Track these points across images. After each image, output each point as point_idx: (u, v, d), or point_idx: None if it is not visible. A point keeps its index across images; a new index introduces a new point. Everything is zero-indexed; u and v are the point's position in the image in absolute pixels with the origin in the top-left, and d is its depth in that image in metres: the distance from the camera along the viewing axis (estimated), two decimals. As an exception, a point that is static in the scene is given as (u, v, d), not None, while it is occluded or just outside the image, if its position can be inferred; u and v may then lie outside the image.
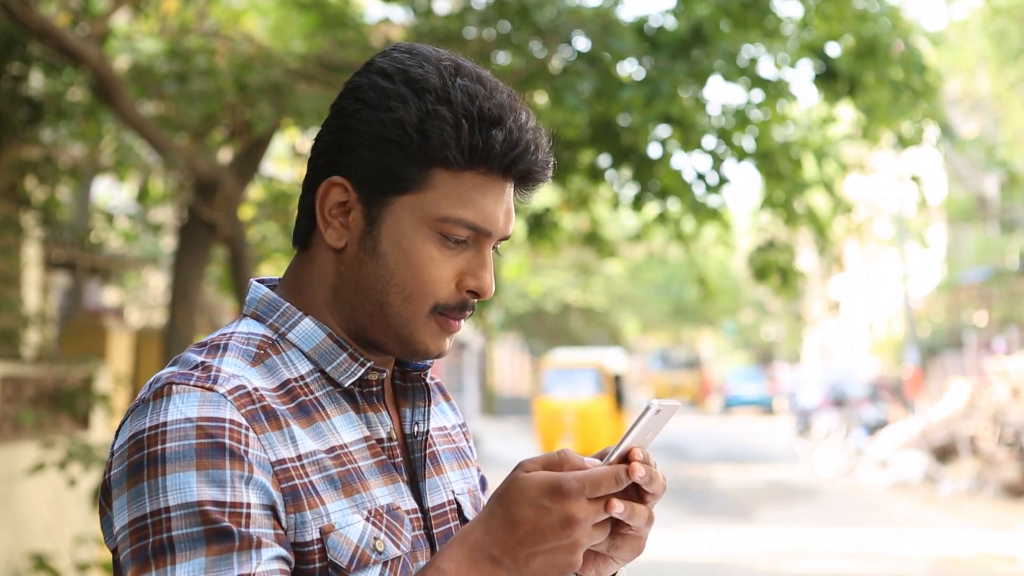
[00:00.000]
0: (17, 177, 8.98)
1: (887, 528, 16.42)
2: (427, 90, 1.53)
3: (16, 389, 8.62)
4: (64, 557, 8.60)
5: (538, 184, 1.60)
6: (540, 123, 1.60)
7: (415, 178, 1.53)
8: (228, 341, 1.57)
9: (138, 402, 1.50)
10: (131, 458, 1.45)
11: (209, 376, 1.49)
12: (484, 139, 1.52)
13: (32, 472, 7.60)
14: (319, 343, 1.58)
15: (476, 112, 1.52)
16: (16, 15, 7.06)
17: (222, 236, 8.65)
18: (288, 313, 1.60)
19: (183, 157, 8.15)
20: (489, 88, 1.55)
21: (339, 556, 1.48)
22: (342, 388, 1.59)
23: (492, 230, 1.57)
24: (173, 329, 8.52)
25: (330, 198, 1.57)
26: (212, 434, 1.44)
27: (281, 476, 1.47)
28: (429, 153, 1.52)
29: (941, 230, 33.85)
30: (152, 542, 1.41)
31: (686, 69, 7.91)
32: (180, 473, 1.42)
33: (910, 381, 29.46)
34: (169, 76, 8.45)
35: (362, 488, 1.53)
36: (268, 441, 1.48)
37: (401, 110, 1.53)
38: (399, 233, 1.55)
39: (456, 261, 1.57)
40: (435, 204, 1.54)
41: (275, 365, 1.56)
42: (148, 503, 1.42)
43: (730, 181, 8.89)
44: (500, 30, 8.31)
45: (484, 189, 1.55)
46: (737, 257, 43.94)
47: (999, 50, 24.51)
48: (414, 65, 1.55)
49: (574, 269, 36.06)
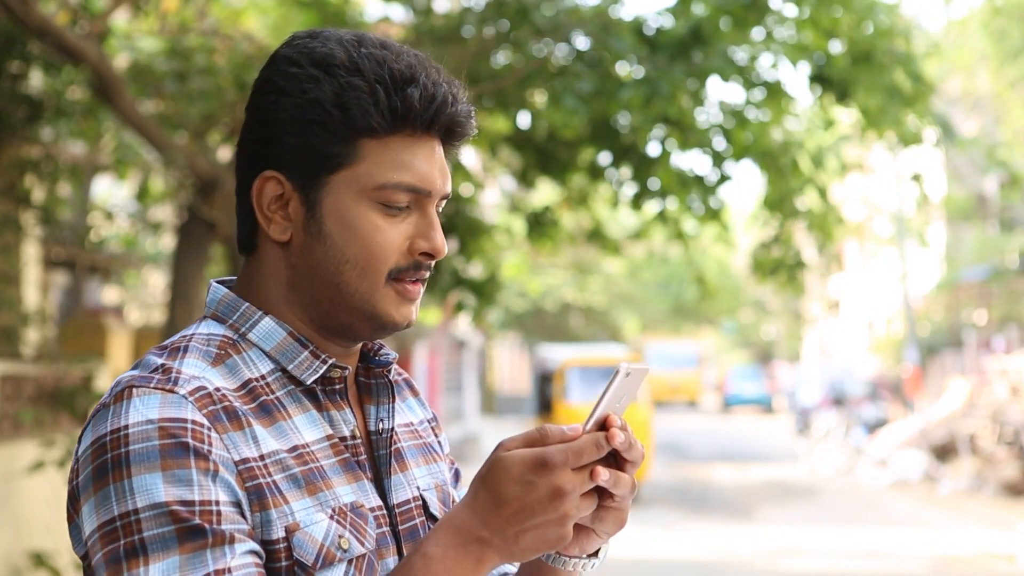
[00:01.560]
0: (17, 175, 8.98)
1: (887, 527, 16.43)
2: (335, 65, 1.53)
3: (16, 387, 8.63)
4: (64, 555, 8.60)
5: (464, 136, 1.61)
6: (452, 76, 1.61)
7: (344, 153, 1.54)
8: (188, 343, 1.55)
9: (99, 407, 1.49)
10: (95, 462, 1.44)
11: (169, 378, 1.48)
12: (401, 99, 1.53)
13: (32, 470, 7.61)
14: (280, 342, 1.57)
15: (388, 75, 1.53)
16: (16, 13, 7.06)
17: (222, 235, 8.65)
18: (248, 313, 1.59)
19: (183, 156, 8.16)
20: (395, 52, 1.56)
21: (305, 554, 1.48)
22: (304, 387, 1.58)
23: (430, 189, 1.57)
24: (172, 328, 8.52)
25: (265, 193, 1.57)
26: (175, 434, 1.43)
27: (245, 475, 1.46)
28: (352, 125, 1.53)
29: (941, 229, 33.85)
30: (124, 544, 1.40)
31: (685, 70, 7.91)
32: (145, 475, 1.41)
33: (910, 380, 29.47)
34: (169, 75, 8.45)
35: (325, 487, 1.53)
36: (231, 441, 1.47)
37: (315, 90, 1.53)
38: (340, 210, 1.55)
39: (403, 227, 1.57)
40: (369, 174, 1.54)
41: (236, 365, 1.55)
42: (116, 506, 1.41)
43: (730, 179, 8.90)
44: (499, 29, 8.32)
45: (414, 149, 1.55)
46: (737, 256, 43.99)
47: (999, 49, 24.51)
48: (318, 46, 1.56)
49: (573, 268, 36.08)
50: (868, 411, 27.80)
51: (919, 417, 24.59)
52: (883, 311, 43.30)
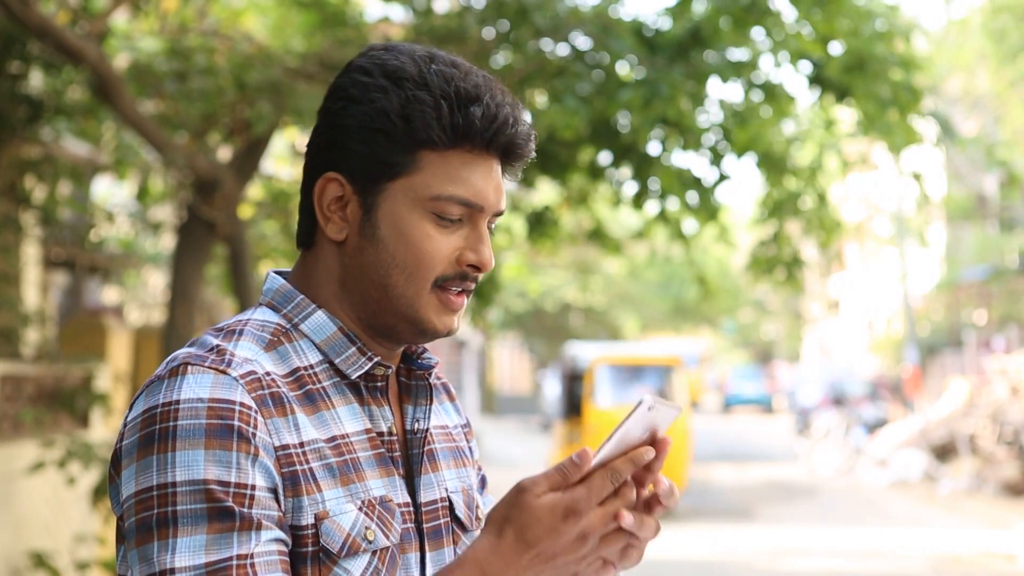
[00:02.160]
0: (17, 175, 8.99)
1: (886, 527, 16.43)
2: (405, 78, 1.60)
3: (16, 388, 8.63)
4: (63, 555, 8.60)
5: (522, 157, 1.67)
6: (516, 98, 1.66)
7: (404, 162, 1.61)
8: (244, 327, 1.63)
9: (154, 378, 1.56)
10: (143, 431, 1.51)
11: (223, 359, 1.55)
12: (464, 116, 1.60)
13: (32, 471, 7.61)
14: (330, 335, 1.64)
15: (453, 92, 1.60)
16: (16, 13, 7.06)
17: (221, 235, 8.65)
18: (302, 304, 1.66)
19: (182, 156, 8.15)
20: (463, 71, 1.63)
21: (331, 542, 1.54)
22: (349, 380, 1.65)
23: (484, 204, 1.63)
24: (172, 328, 8.51)
25: (327, 194, 1.64)
26: (222, 415, 1.50)
27: (283, 461, 1.53)
28: (414, 136, 1.60)
29: (940, 229, 33.84)
30: (157, 514, 1.47)
31: (684, 71, 7.91)
32: (189, 451, 1.48)
33: (909, 380, 29.47)
34: (168, 75, 8.45)
35: (358, 479, 1.59)
36: (274, 426, 1.54)
37: (383, 100, 1.60)
38: (395, 216, 1.61)
39: (453, 239, 1.63)
40: (426, 184, 1.61)
41: (287, 353, 1.62)
42: (156, 476, 1.48)
43: (729, 178, 8.90)
44: (499, 29, 8.31)
45: (471, 165, 1.62)
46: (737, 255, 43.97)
47: (999, 48, 24.50)
48: (390, 58, 1.63)
49: (573, 268, 36.07)
50: (868, 411, 27.80)
51: (919, 417, 24.60)
52: (883, 311, 43.30)
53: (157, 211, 11.99)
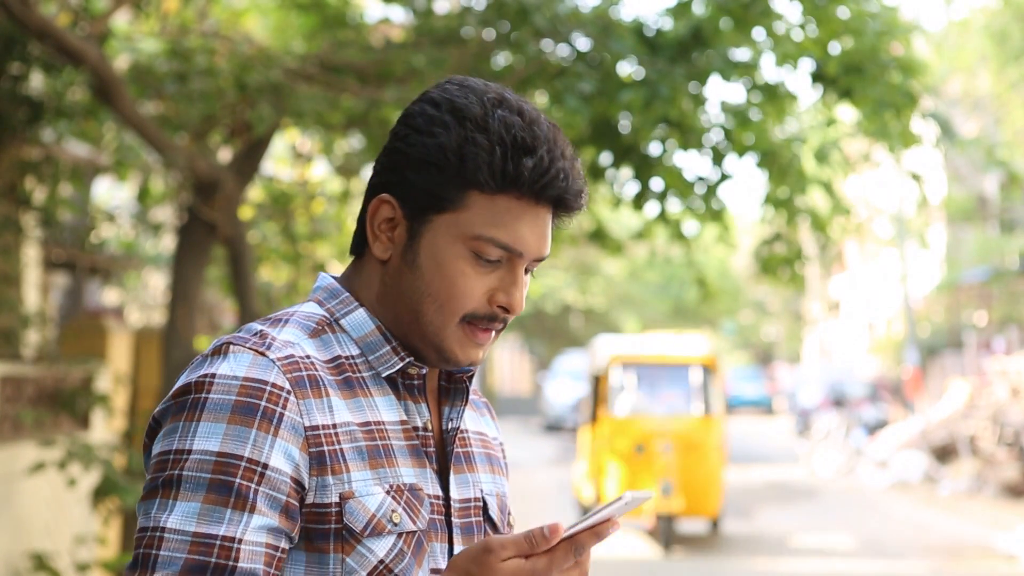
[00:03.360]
0: (17, 177, 8.99)
1: (887, 528, 16.43)
2: (468, 118, 1.67)
3: (16, 389, 8.63)
4: (64, 557, 8.60)
5: (571, 211, 1.72)
6: (575, 153, 1.72)
7: (453, 198, 1.67)
8: (291, 317, 1.72)
9: (200, 357, 1.65)
10: (178, 399, 1.60)
11: (264, 342, 1.64)
12: (515, 165, 1.65)
13: (32, 472, 7.61)
14: (367, 333, 1.72)
15: (510, 140, 1.65)
16: (16, 15, 7.06)
17: (222, 236, 8.65)
18: (346, 301, 1.74)
19: (183, 157, 8.16)
20: (528, 120, 1.68)
21: (354, 521, 1.61)
22: (385, 376, 1.71)
23: (523, 251, 1.69)
24: (173, 329, 8.51)
25: (379, 214, 1.71)
26: (252, 394, 1.58)
27: (312, 440, 1.60)
28: (465, 176, 1.66)
29: (941, 230, 33.85)
30: (165, 475, 1.56)
31: (685, 71, 7.91)
32: (212, 423, 1.57)
33: (910, 381, 29.46)
34: (169, 76, 8.45)
35: (388, 464, 1.65)
36: (307, 407, 1.61)
37: (443, 135, 1.67)
38: (436, 248, 1.68)
39: (488, 279, 1.69)
40: (470, 223, 1.67)
41: (330, 341, 1.70)
42: (176, 441, 1.57)
43: (731, 177, 8.89)
44: (500, 30, 8.31)
45: (517, 212, 1.67)
46: (737, 257, 43.96)
47: (1000, 50, 24.50)
48: (460, 96, 1.69)
49: (574, 269, 36.07)
50: (868, 412, 27.80)
51: (919, 418, 24.59)
52: (883, 312, 43.30)
53: (157, 212, 11.99)
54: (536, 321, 44.74)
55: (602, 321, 46.41)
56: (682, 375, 15.53)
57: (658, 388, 15.49)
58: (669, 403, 15.30)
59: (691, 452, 14.45)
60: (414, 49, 8.14)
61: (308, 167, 12.49)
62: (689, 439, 14.62)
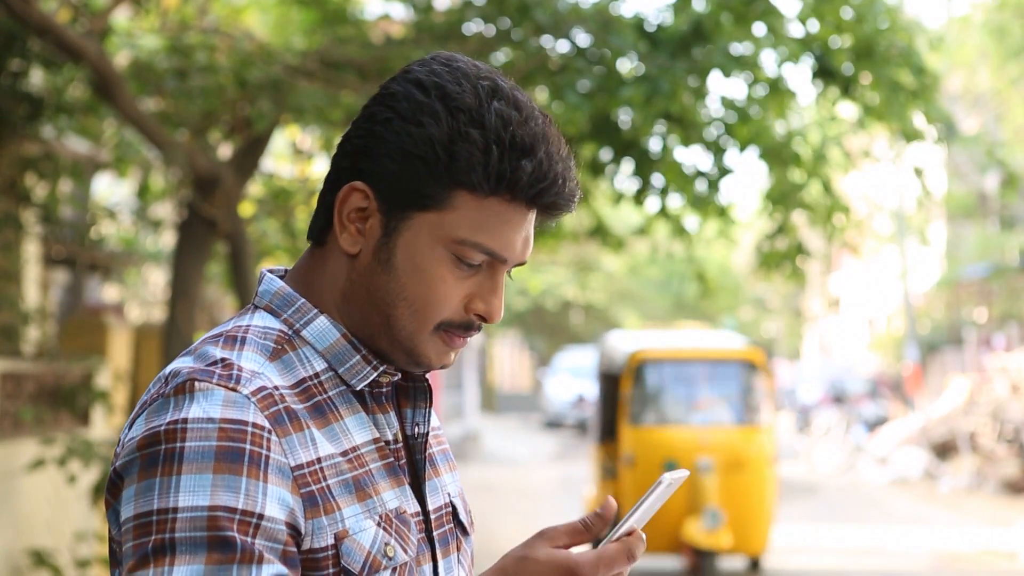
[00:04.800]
0: (17, 173, 8.98)
1: (887, 524, 16.43)
2: (461, 109, 1.51)
3: (16, 385, 8.62)
4: (64, 553, 8.60)
5: (561, 215, 1.58)
6: (570, 151, 1.58)
7: (437, 197, 1.52)
8: (245, 334, 1.54)
9: (157, 396, 1.47)
10: (145, 451, 1.43)
11: (231, 375, 1.47)
12: (512, 168, 1.50)
13: (32, 468, 7.60)
14: (333, 343, 1.56)
15: (508, 139, 1.50)
16: (16, 11, 7.06)
17: (222, 232, 8.64)
18: (303, 309, 1.57)
19: (183, 153, 8.15)
20: (524, 114, 1.53)
21: (352, 562, 1.48)
22: (354, 389, 1.58)
23: (508, 257, 1.55)
24: (173, 326, 8.51)
25: (349, 202, 1.55)
26: (234, 438, 1.42)
27: (300, 481, 1.46)
28: (454, 175, 1.51)
29: (941, 226, 33.84)
30: (154, 540, 1.38)
31: (686, 67, 7.91)
32: (196, 475, 1.40)
33: (910, 378, 29.46)
34: (169, 72, 8.45)
35: (373, 492, 1.53)
36: (289, 445, 1.46)
37: (432, 126, 1.51)
38: (414, 249, 1.53)
39: (467, 284, 1.55)
40: (454, 226, 1.52)
41: (291, 362, 1.54)
42: (157, 500, 1.40)
43: (732, 171, 8.88)
44: (500, 26, 8.31)
45: (506, 216, 1.53)
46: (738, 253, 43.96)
47: (1000, 46, 24.49)
48: (451, 81, 1.53)
49: (574, 266, 36.06)
50: (868, 409, 27.81)
51: (919, 415, 24.60)
52: (883, 309, 43.30)
53: (158, 209, 11.99)
54: (536, 317, 44.73)
55: (602, 317, 46.40)
56: (723, 375, 12.68)
57: (693, 392, 12.58)
58: (708, 411, 12.39)
59: (738, 472, 11.67)
60: (414, 45, 8.13)
61: (308, 163, 12.49)
62: (735, 455, 11.77)
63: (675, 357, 12.75)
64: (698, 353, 13.02)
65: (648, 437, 11.91)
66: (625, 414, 12.02)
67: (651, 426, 12.07)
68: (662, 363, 12.54)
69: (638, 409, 12.15)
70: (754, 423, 12.21)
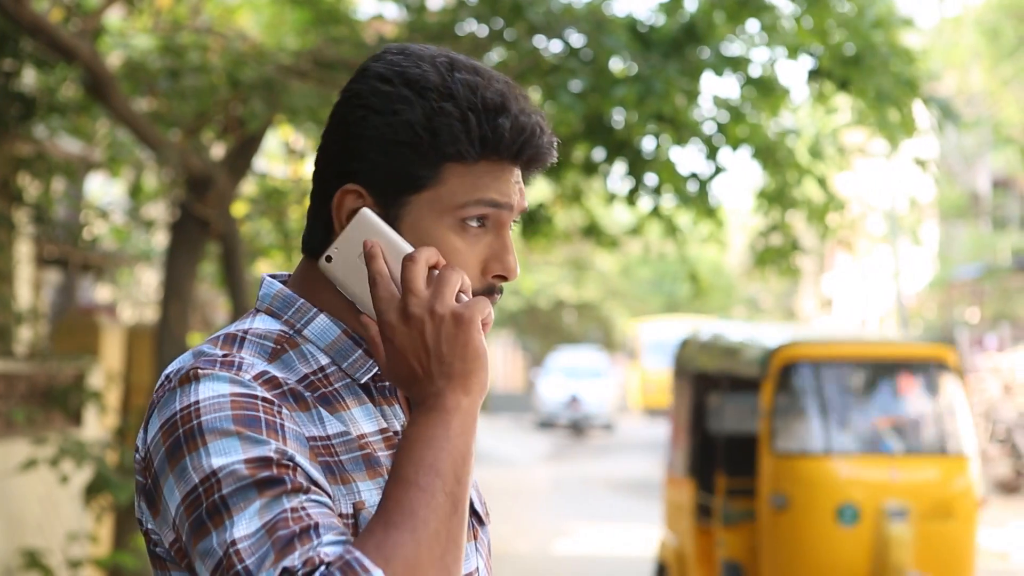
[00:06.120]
0: (10, 173, 8.97)
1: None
2: (428, 88, 1.55)
3: (8, 386, 8.61)
4: (56, 554, 8.58)
5: (545, 165, 1.63)
6: (535, 104, 1.62)
7: (429, 175, 1.56)
8: (244, 336, 1.58)
9: (163, 392, 1.50)
10: (167, 442, 1.46)
11: (233, 364, 1.51)
12: (492, 128, 1.55)
13: (24, 469, 7.59)
14: (335, 339, 1.60)
15: (480, 103, 1.55)
16: (8, 11, 7.04)
17: (215, 233, 8.64)
18: (303, 309, 1.61)
19: (176, 153, 8.14)
20: (486, 77, 1.58)
21: None
22: (359, 382, 1.61)
23: (510, 203, 1.59)
24: (166, 326, 8.51)
25: (346, 205, 1.58)
26: (247, 407, 1.46)
27: (315, 451, 1.49)
28: (440, 150, 1.55)
29: (933, 227, 33.88)
30: (206, 507, 1.42)
31: (679, 67, 7.91)
32: (221, 439, 1.43)
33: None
34: (162, 72, 8.44)
35: (384, 472, 1.55)
36: (299, 419, 1.50)
37: (407, 112, 1.55)
38: (420, 229, 1.57)
39: (478, 249, 1.59)
40: (452, 195, 1.56)
41: (291, 361, 1.57)
42: (195, 475, 1.43)
43: (725, 170, 8.89)
44: (493, 26, 8.31)
45: (496, 173, 1.58)
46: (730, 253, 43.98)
47: (992, 46, 24.52)
48: (410, 65, 1.57)
49: (567, 265, 36.07)
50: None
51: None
52: (876, 309, 43.35)
53: (150, 209, 11.97)
54: (529, 317, 44.73)
55: (595, 316, 46.43)
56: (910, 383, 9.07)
57: (869, 406, 8.96)
58: (895, 434, 8.79)
59: (942, 520, 8.30)
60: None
61: (301, 163, 12.48)
62: (938, 498, 8.38)
63: (841, 357, 8.93)
64: (873, 351, 9.32)
65: (808, 471, 8.38)
66: (768, 437, 8.42)
67: (811, 455, 8.46)
68: (823, 365, 8.74)
69: (788, 430, 8.56)
70: (958, 451, 8.66)
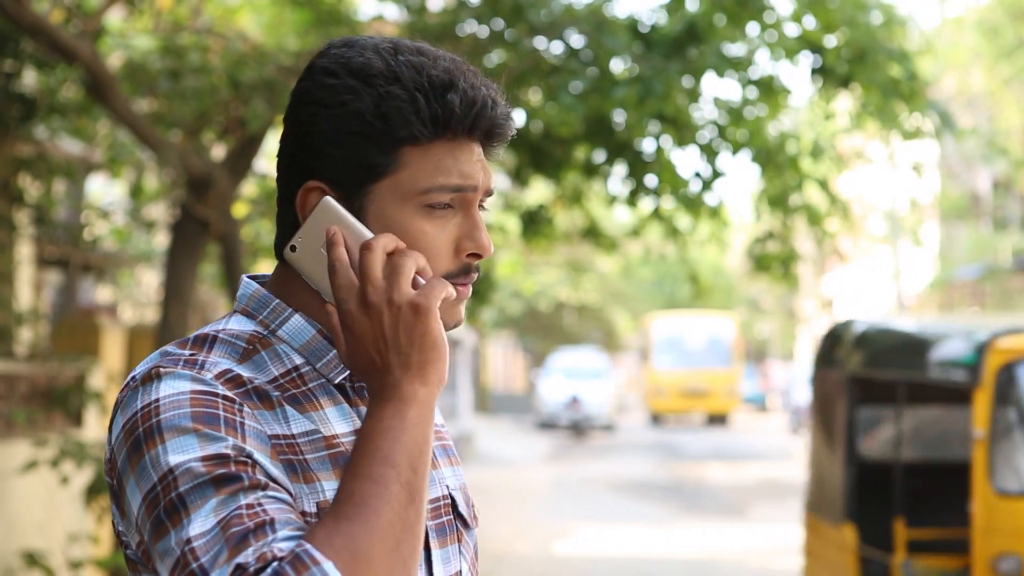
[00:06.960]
0: (10, 174, 8.97)
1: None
2: (373, 75, 1.54)
3: (9, 387, 8.61)
4: (57, 555, 8.59)
5: (503, 138, 1.61)
6: (486, 77, 1.60)
7: (386, 162, 1.54)
8: (216, 335, 1.56)
9: (126, 392, 1.50)
10: (128, 440, 1.46)
11: (196, 363, 1.50)
12: (442, 106, 1.53)
13: (25, 470, 7.59)
14: (309, 339, 1.58)
15: (427, 82, 1.53)
16: (9, 12, 7.05)
17: (215, 233, 8.64)
18: (278, 309, 1.59)
19: (176, 154, 8.15)
20: (431, 57, 1.56)
21: None
22: (332, 382, 1.59)
23: (474, 184, 1.57)
24: (166, 327, 8.51)
25: (309, 202, 1.56)
26: (206, 404, 1.45)
27: (277, 449, 1.48)
28: (393, 135, 1.53)
29: (934, 227, 33.89)
30: (164, 505, 1.41)
31: (679, 68, 7.92)
32: (179, 437, 1.42)
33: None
34: (162, 73, 8.45)
35: None
36: (262, 417, 1.49)
37: (355, 102, 1.53)
38: (385, 217, 1.55)
39: (448, 230, 1.57)
40: (413, 180, 1.55)
41: (263, 362, 1.55)
42: (154, 473, 1.42)
43: (724, 174, 8.89)
44: (494, 27, 8.32)
45: (455, 152, 1.56)
46: (731, 255, 44.00)
47: (993, 46, 24.52)
48: (354, 55, 1.56)
49: (567, 266, 36.09)
50: (862, 409, 27.74)
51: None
52: (877, 309, 43.35)
53: (151, 210, 11.98)
54: (529, 318, 44.73)
55: (596, 318, 46.43)
56: None
57: None
58: None
59: None
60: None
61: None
62: None
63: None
64: None
65: None
66: (986, 470, 6.19)
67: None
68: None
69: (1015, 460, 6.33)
70: None
